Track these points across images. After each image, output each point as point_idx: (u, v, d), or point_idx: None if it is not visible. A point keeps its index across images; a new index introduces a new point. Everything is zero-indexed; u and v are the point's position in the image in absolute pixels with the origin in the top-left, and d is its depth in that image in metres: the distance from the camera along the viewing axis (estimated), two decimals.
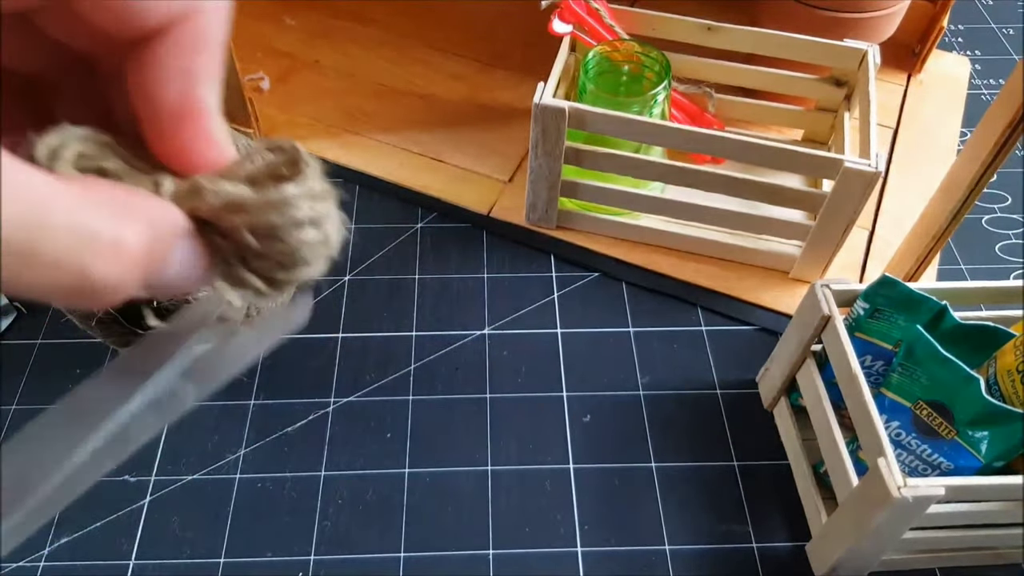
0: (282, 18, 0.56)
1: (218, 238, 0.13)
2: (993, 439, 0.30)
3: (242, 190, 0.13)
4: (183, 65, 0.12)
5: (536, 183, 0.42)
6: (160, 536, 0.33)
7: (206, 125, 0.13)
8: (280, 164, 0.14)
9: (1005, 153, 0.32)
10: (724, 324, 0.41)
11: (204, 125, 0.13)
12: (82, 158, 0.12)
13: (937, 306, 0.32)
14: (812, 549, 0.33)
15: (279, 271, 0.14)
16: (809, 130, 0.48)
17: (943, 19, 0.52)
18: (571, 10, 0.43)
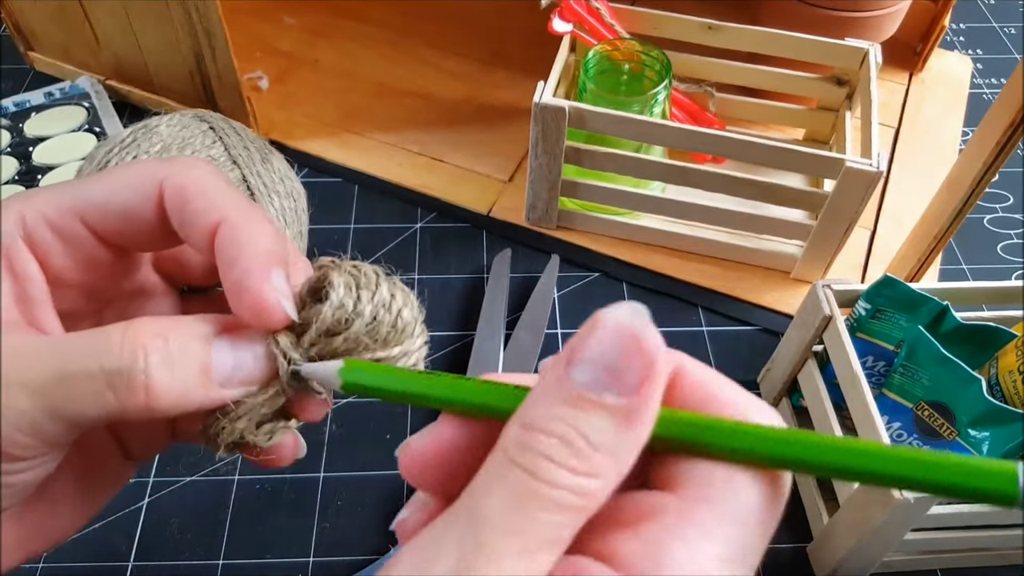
0: (281, 17, 0.56)
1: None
2: (994, 440, 0.30)
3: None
4: (229, 259, 0.17)
5: (536, 183, 0.42)
6: (159, 538, 0.33)
7: (254, 297, 0.17)
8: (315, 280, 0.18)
9: (1007, 153, 0.32)
10: (725, 324, 0.41)
11: (253, 298, 0.17)
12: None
13: (939, 306, 0.32)
14: (813, 550, 0.33)
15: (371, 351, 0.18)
16: (810, 129, 0.48)
17: (945, 18, 0.52)
18: (571, 9, 0.43)
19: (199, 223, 0.17)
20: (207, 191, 0.18)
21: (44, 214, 0.18)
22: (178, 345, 0.16)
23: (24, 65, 0.52)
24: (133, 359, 0.15)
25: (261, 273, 0.17)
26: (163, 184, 0.18)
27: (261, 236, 0.17)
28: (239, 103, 0.46)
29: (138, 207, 0.18)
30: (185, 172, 0.18)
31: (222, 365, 0.17)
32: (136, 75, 0.48)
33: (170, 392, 0.16)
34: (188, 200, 0.17)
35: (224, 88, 0.45)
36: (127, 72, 0.49)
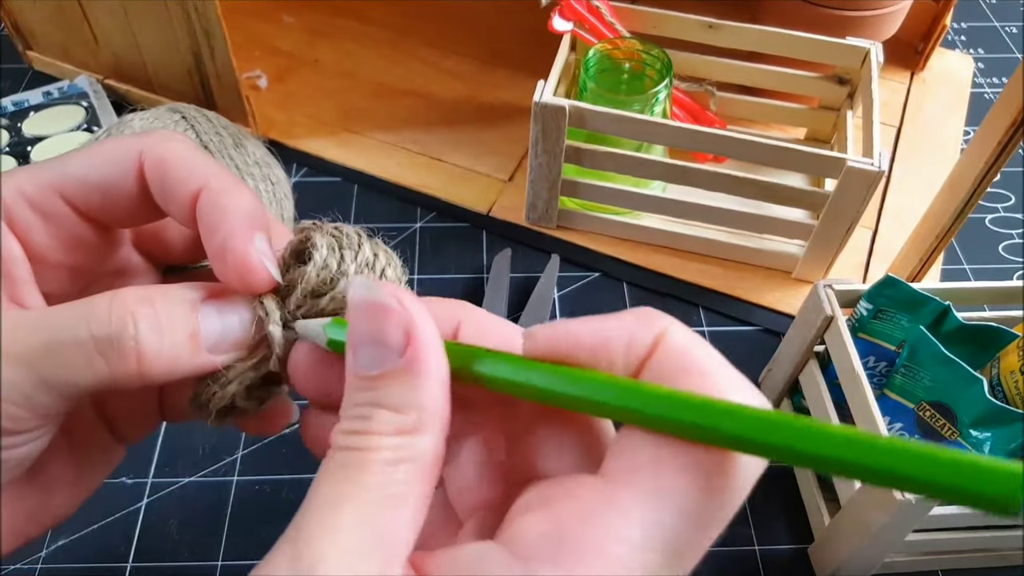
0: (281, 17, 0.56)
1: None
2: (996, 440, 0.30)
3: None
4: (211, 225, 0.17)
5: (536, 182, 0.42)
6: (158, 539, 0.32)
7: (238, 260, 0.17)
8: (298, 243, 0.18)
9: (1008, 152, 0.32)
10: (726, 324, 0.41)
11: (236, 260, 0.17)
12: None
13: (940, 306, 0.32)
14: (815, 552, 0.33)
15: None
16: (812, 128, 0.48)
17: (946, 17, 0.52)
18: (572, 8, 0.43)
19: (180, 191, 0.17)
20: (186, 161, 0.18)
21: (23, 191, 0.17)
22: (166, 311, 0.16)
23: (23, 64, 0.52)
24: (122, 325, 0.15)
25: (244, 236, 0.17)
26: (142, 156, 0.18)
27: (241, 200, 0.17)
28: (238, 102, 0.46)
29: (118, 180, 0.18)
30: (163, 144, 0.18)
31: (210, 330, 0.17)
32: (135, 74, 0.48)
33: (160, 357, 0.16)
34: (168, 170, 0.17)
35: (223, 87, 0.45)
36: (126, 71, 0.49)
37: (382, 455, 0.14)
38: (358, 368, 0.15)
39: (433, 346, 0.15)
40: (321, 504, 0.13)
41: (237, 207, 0.17)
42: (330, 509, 0.13)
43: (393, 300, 0.15)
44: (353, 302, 0.15)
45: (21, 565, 0.32)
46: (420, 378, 0.14)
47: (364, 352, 0.15)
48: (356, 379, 0.15)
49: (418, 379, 0.14)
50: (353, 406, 0.14)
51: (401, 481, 0.14)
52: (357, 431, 0.14)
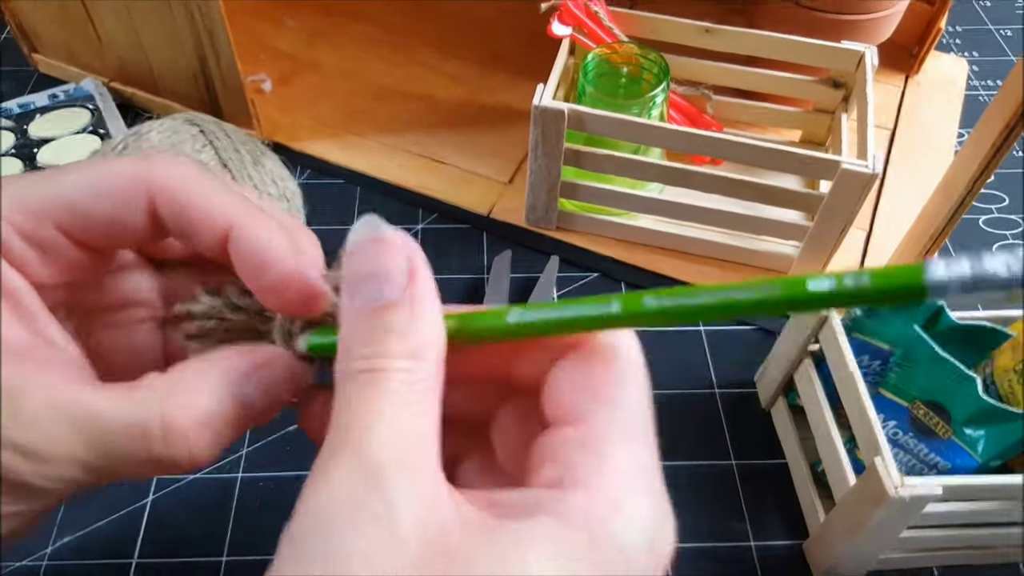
0: (283, 19, 0.57)
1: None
2: (989, 438, 0.30)
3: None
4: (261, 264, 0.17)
5: (536, 184, 0.42)
6: (162, 535, 0.33)
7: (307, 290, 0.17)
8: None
9: (1003, 154, 0.32)
10: (722, 324, 0.41)
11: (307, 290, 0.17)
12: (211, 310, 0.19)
13: (934, 306, 0.33)
14: (810, 548, 0.33)
15: None
16: (807, 131, 0.48)
17: (941, 20, 0.52)
18: (570, 13, 0.43)
19: (205, 232, 0.17)
20: (206, 198, 0.17)
21: (15, 224, 0.17)
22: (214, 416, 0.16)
23: (28, 67, 0.53)
24: (177, 449, 0.16)
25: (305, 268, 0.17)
26: (150, 190, 0.17)
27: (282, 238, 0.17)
28: (243, 106, 0.46)
29: (123, 216, 0.17)
30: (171, 174, 0.17)
31: (259, 407, 0.17)
32: (140, 77, 0.49)
33: (212, 454, 0.17)
34: (184, 207, 0.17)
35: (228, 91, 0.46)
36: (131, 74, 0.49)
37: (400, 376, 0.15)
38: (362, 303, 0.15)
39: (430, 280, 0.16)
40: (363, 419, 0.14)
41: (280, 243, 0.17)
42: (375, 421, 0.14)
43: (396, 235, 0.16)
44: (356, 240, 0.16)
45: (27, 562, 0.32)
46: (421, 309, 0.15)
47: (367, 287, 0.15)
48: (360, 313, 0.15)
49: (419, 310, 0.15)
50: (365, 334, 0.15)
51: (421, 399, 0.15)
52: (372, 355, 0.15)
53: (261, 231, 0.17)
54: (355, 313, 0.15)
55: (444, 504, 0.14)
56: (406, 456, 0.14)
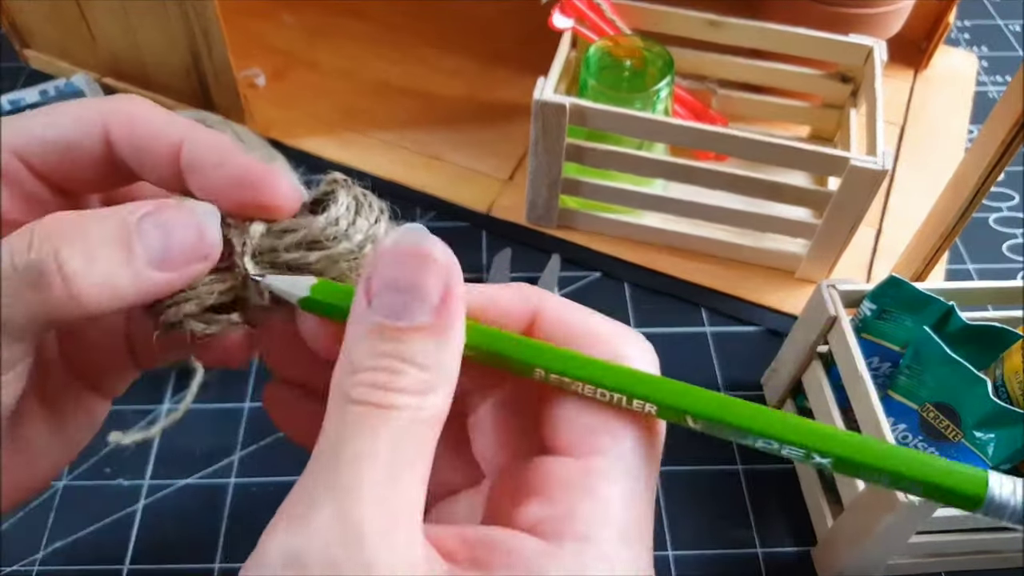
0: (280, 15, 0.56)
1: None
2: (1000, 442, 0.30)
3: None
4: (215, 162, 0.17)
5: (536, 181, 0.42)
6: (154, 541, 0.32)
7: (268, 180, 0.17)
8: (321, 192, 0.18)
9: (1012, 151, 0.31)
10: (728, 325, 0.40)
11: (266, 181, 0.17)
12: None
13: (944, 307, 0.32)
14: (818, 554, 0.33)
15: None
16: (815, 126, 0.47)
17: (949, 15, 0.52)
18: (572, 5, 0.43)
19: (158, 146, 0.17)
20: (160, 118, 0.17)
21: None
22: (96, 232, 0.15)
23: (19, 63, 0.52)
24: (41, 251, 0.14)
25: (261, 163, 0.16)
26: (107, 117, 0.17)
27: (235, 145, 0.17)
28: (236, 101, 0.45)
29: (80, 140, 0.17)
30: (130, 104, 0.17)
31: (152, 247, 0.15)
32: (132, 73, 0.48)
33: (92, 282, 0.15)
34: (139, 126, 0.17)
35: (220, 86, 0.45)
36: (123, 70, 0.48)
37: (406, 414, 0.13)
38: (378, 316, 0.14)
39: (462, 308, 0.15)
40: (353, 462, 0.13)
41: (235, 146, 0.17)
42: (365, 468, 0.13)
43: (441, 251, 0.15)
44: (396, 243, 0.14)
45: (18, 567, 0.31)
46: (449, 338, 0.14)
47: (391, 299, 0.14)
48: (376, 327, 0.14)
49: (447, 339, 0.14)
50: (375, 356, 0.14)
51: (421, 444, 0.14)
52: (382, 385, 0.14)
53: (215, 136, 0.17)
54: (370, 325, 0.14)
55: (423, 566, 0.13)
56: (391, 516, 0.13)
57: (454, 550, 0.14)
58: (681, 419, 0.15)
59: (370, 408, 0.13)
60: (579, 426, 0.15)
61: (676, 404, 0.15)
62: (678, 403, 0.15)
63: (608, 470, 0.15)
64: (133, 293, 0.15)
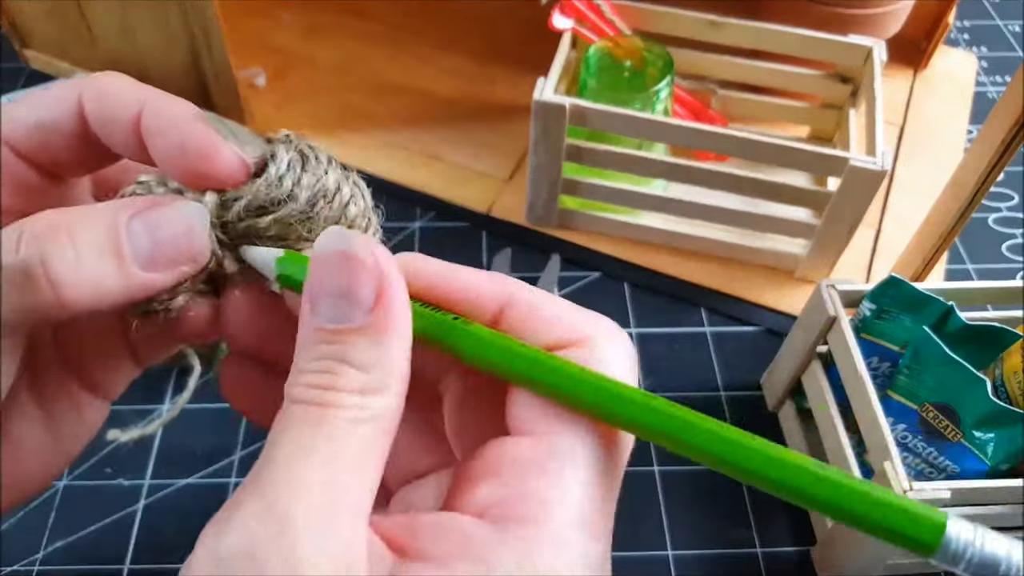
0: (279, 15, 0.56)
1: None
2: (999, 442, 0.30)
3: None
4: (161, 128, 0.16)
5: (536, 181, 0.42)
6: (155, 541, 0.32)
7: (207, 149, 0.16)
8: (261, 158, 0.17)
9: (1011, 151, 0.31)
10: (728, 325, 0.40)
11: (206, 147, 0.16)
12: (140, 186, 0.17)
13: (944, 307, 0.32)
14: (817, 554, 0.33)
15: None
16: (814, 127, 0.47)
17: (949, 15, 0.52)
18: (572, 5, 0.43)
19: (120, 115, 0.17)
20: (123, 86, 0.17)
21: None
22: (83, 232, 0.15)
23: (19, 63, 0.52)
24: (27, 252, 0.14)
25: (206, 130, 0.16)
26: (80, 89, 0.17)
27: (188, 106, 0.17)
28: (235, 100, 0.45)
29: (56, 117, 0.17)
30: (102, 78, 0.17)
31: (139, 246, 0.15)
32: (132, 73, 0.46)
33: (79, 283, 0.15)
34: (105, 97, 0.17)
35: (220, 86, 0.45)
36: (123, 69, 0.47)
37: (346, 413, 0.13)
38: (319, 320, 0.14)
39: (402, 306, 0.14)
40: (286, 459, 0.13)
41: (186, 110, 0.16)
42: (297, 465, 0.13)
43: (367, 253, 0.14)
44: (322, 250, 0.14)
45: (18, 567, 0.31)
46: (387, 337, 0.14)
47: (328, 304, 0.14)
48: (317, 332, 0.14)
49: (385, 338, 0.14)
50: (314, 359, 0.14)
51: (364, 442, 0.14)
52: (320, 386, 0.14)
53: (172, 103, 0.16)
54: (311, 331, 0.14)
55: (356, 564, 0.13)
56: (321, 509, 0.13)
57: (403, 542, 0.14)
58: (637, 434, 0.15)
59: (308, 408, 0.13)
60: (538, 406, 0.15)
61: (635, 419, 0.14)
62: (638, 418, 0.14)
63: (567, 452, 0.14)
64: (120, 294, 0.15)
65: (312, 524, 0.12)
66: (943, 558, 0.12)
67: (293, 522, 0.12)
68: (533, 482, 0.14)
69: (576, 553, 0.13)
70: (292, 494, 0.12)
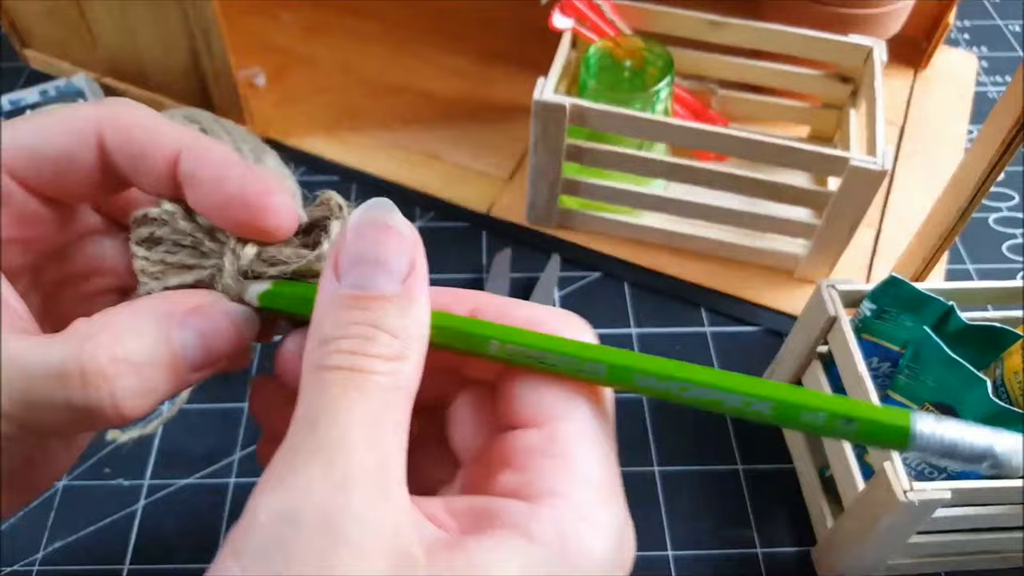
0: (279, 14, 0.56)
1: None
2: None
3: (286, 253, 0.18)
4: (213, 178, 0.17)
5: (536, 181, 0.42)
6: (155, 541, 0.32)
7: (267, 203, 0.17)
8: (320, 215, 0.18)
9: (1012, 151, 0.31)
10: (728, 325, 0.40)
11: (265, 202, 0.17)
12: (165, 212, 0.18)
13: (944, 307, 0.32)
14: (818, 554, 0.33)
15: None
16: (815, 127, 0.47)
17: (949, 15, 0.52)
18: (572, 5, 0.43)
19: (154, 156, 0.17)
20: (155, 126, 0.17)
21: None
22: (143, 360, 0.15)
23: (19, 63, 0.52)
24: (98, 392, 0.15)
25: (261, 180, 0.16)
26: (100, 122, 0.17)
27: (234, 156, 0.17)
28: (235, 101, 0.45)
29: (74, 152, 0.16)
30: (124, 112, 0.17)
31: (193, 360, 0.16)
32: (132, 72, 0.48)
33: (143, 406, 0.15)
34: (135, 136, 0.17)
35: (220, 86, 0.45)
36: (123, 69, 0.48)
37: (382, 380, 0.14)
38: (347, 288, 0.14)
39: (426, 278, 0.15)
40: (338, 423, 0.13)
41: (230, 155, 0.17)
42: (347, 428, 0.13)
43: (404, 225, 0.15)
44: (362, 220, 0.15)
45: (17, 567, 0.31)
46: (416, 306, 0.15)
47: (359, 271, 0.14)
48: (346, 297, 0.14)
49: (413, 308, 0.15)
50: (347, 325, 0.14)
51: (398, 407, 0.14)
52: (357, 351, 0.14)
53: (215, 147, 0.17)
54: (339, 297, 0.14)
55: (411, 525, 0.13)
56: (379, 472, 0.13)
57: (442, 520, 0.14)
58: (629, 381, 0.16)
59: (346, 372, 0.14)
60: (536, 398, 0.16)
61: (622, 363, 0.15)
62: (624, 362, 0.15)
63: (570, 433, 0.15)
64: (171, 394, 0.16)
65: (372, 488, 0.13)
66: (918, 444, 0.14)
67: (355, 486, 0.13)
68: (548, 463, 0.15)
69: (604, 518, 0.14)
70: (350, 455, 0.13)
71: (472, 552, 0.13)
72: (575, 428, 0.15)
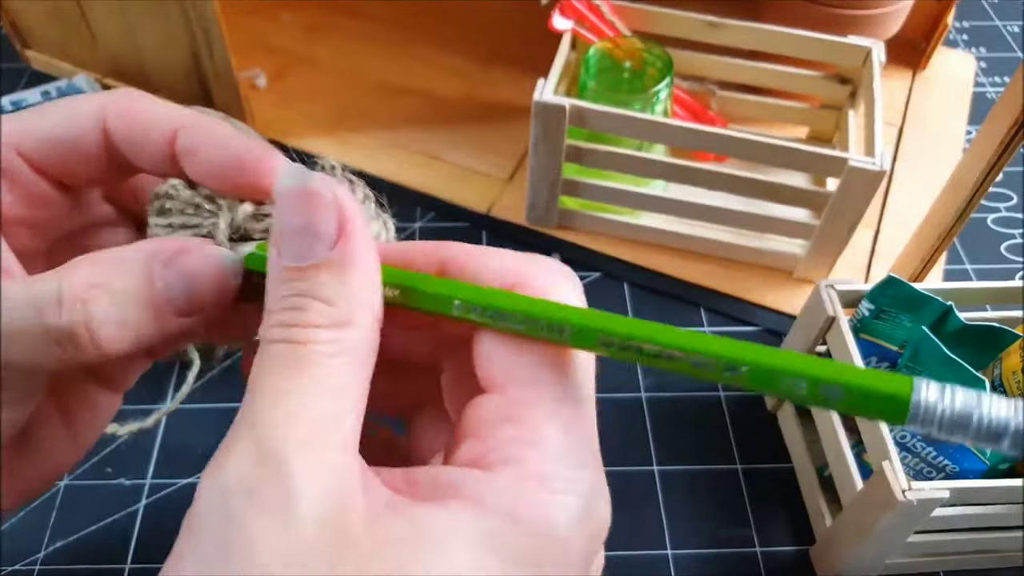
0: (280, 15, 0.56)
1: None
2: None
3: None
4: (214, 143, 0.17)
5: (536, 181, 0.42)
6: (156, 540, 0.32)
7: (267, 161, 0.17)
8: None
9: (1010, 152, 0.31)
10: (727, 325, 0.41)
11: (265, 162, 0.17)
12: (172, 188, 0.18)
13: (942, 307, 0.32)
14: (816, 553, 0.33)
15: None
16: (814, 128, 0.47)
17: (947, 16, 0.52)
18: (572, 6, 0.43)
19: (153, 136, 0.17)
20: (156, 108, 0.17)
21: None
22: (122, 290, 0.15)
23: (20, 64, 0.52)
24: (72, 314, 0.15)
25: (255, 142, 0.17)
26: (105, 110, 0.17)
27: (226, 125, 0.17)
28: (236, 101, 0.45)
29: (79, 135, 0.17)
30: (128, 97, 0.17)
31: (177, 300, 0.16)
32: (133, 73, 0.48)
33: (121, 338, 0.15)
34: (136, 118, 0.17)
35: (221, 86, 0.45)
36: (124, 70, 0.48)
37: (319, 348, 0.14)
38: (285, 259, 0.14)
39: (363, 239, 0.15)
40: (269, 396, 0.13)
41: (226, 127, 0.17)
42: (280, 400, 0.13)
43: (327, 188, 0.14)
44: (282, 190, 0.15)
45: (20, 566, 0.31)
46: (352, 270, 0.14)
47: (292, 243, 0.14)
48: (284, 271, 0.14)
49: (350, 271, 0.14)
50: (282, 297, 0.14)
51: (341, 373, 0.14)
52: (290, 323, 0.14)
53: (211, 122, 0.17)
54: (280, 271, 0.14)
55: (351, 491, 0.13)
56: (310, 439, 0.13)
57: (401, 489, 0.14)
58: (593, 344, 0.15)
59: (282, 345, 0.14)
60: (498, 361, 0.15)
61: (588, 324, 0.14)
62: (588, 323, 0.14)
63: (531, 398, 0.15)
64: (156, 338, 0.16)
65: (302, 455, 0.13)
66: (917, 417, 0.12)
67: (283, 454, 0.12)
68: (508, 430, 0.14)
69: (563, 483, 0.14)
70: (278, 428, 0.13)
71: (417, 519, 0.13)
72: (537, 392, 0.15)
